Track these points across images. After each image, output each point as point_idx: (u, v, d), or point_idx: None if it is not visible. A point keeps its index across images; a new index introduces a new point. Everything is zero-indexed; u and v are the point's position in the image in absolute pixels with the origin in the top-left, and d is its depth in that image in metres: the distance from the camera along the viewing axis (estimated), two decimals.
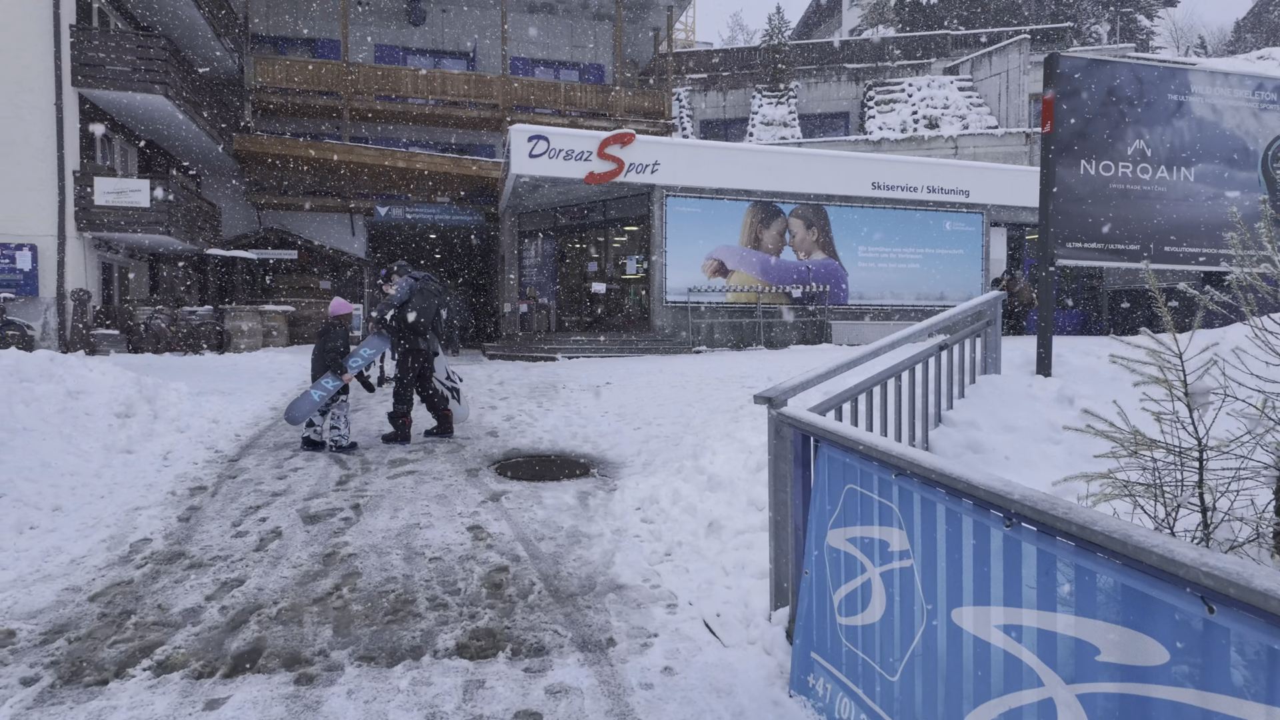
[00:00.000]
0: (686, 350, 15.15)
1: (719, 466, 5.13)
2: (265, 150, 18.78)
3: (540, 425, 7.97)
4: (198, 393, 8.38)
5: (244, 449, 6.70)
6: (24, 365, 6.82)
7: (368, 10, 22.06)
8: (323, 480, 5.75)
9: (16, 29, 12.84)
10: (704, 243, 15.82)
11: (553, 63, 23.52)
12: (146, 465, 5.95)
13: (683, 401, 8.38)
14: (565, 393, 9.99)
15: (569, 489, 5.62)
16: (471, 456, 6.64)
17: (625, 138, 15.05)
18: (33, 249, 12.77)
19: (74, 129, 13.44)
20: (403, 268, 7.18)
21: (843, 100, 27.95)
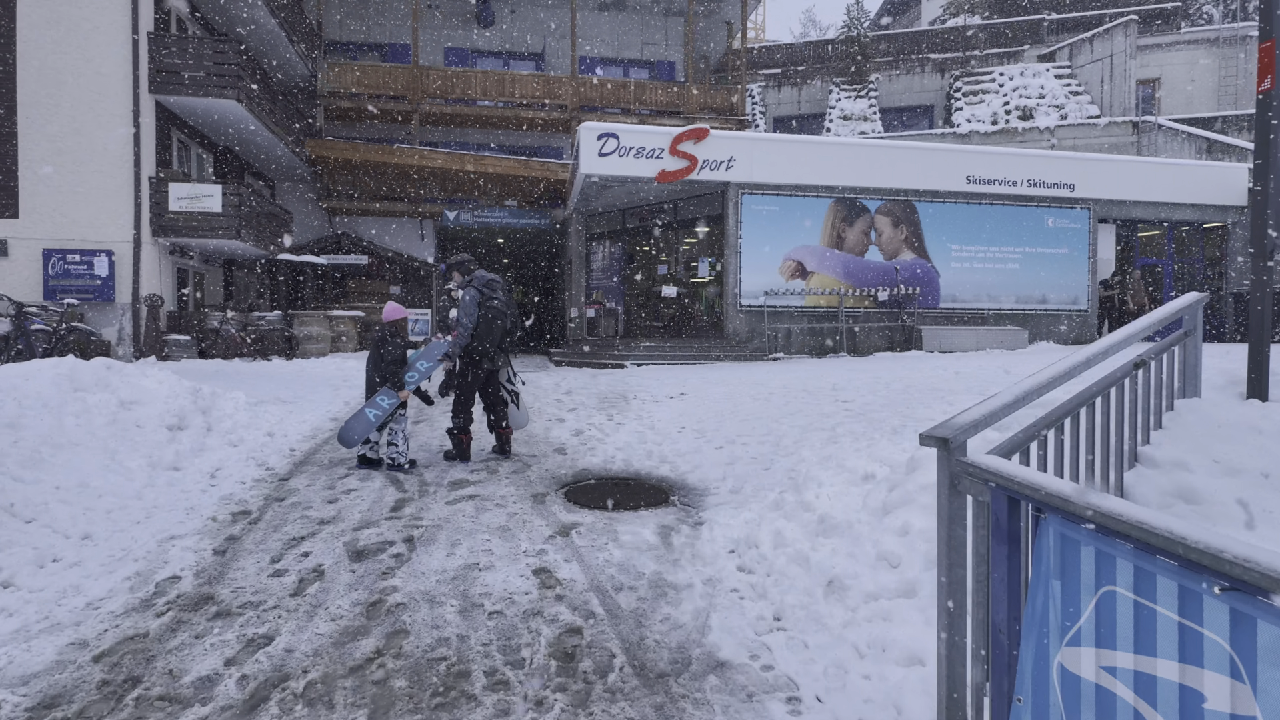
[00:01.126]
0: (763, 357, 14.26)
1: (829, 502, 4.30)
2: (337, 155, 18.79)
3: (611, 442, 7.26)
4: (256, 402, 8.03)
5: (297, 466, 6.21)
6: (79, 374, 6.52)
7: (437, 13, 21.96)
8: (376, 505, 5.18)
9: (96, 39, 12.99)
10: (782, 243, 14.90)
11: (622, 61, 22.96)
12: (192, 484, 5.50)
13: (768, 416, 7.54)
14: (637, 404, 9.28)
15: (648, 522, 4.88)
16: (538, 478, 5.97)
17: (699, 133, 14.29)
18: (109, 255, 12.86)
19: (150, 135, 13.53)
20: (463, 264, 6.53)
21: (926, 92, 26.46)
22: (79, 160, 12.98)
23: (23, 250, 12.84)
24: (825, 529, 3.98)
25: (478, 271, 6.51)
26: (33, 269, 12.84)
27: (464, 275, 6.46)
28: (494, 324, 6.33)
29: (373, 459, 6.18)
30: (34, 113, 12.89)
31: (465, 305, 6.27)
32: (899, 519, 3.66)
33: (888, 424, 6.56)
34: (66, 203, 13.02)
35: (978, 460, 2.09)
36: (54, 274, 12.72)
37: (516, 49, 22.61)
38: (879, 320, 15.21)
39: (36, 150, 12.92)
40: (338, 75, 19.72)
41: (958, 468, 2.19)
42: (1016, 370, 9.66)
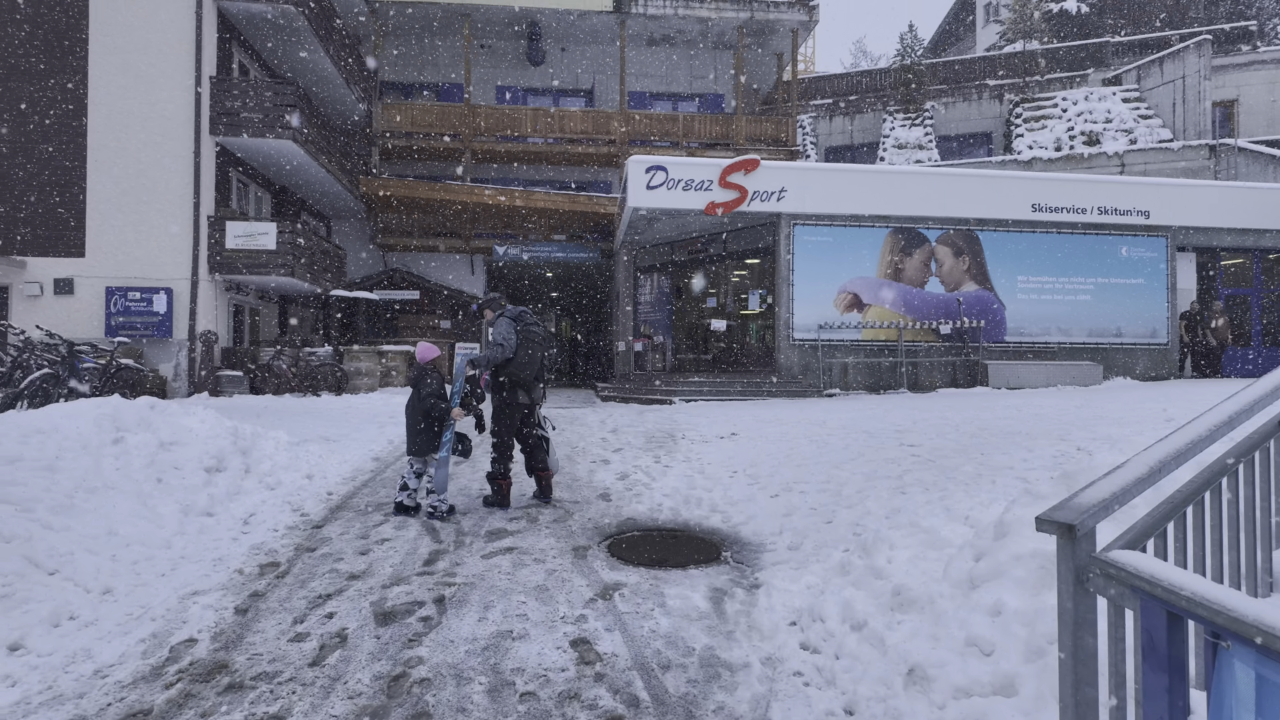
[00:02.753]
0: (817, 393, 13.70)
1: (904, 570, 3.82)
2: (390, 192, 19.10)
3: (659, 487, 6.86)
4: (298, 441, 7.90)
5: (332, 511, 5.98)
6: (122, 414, 6.46)
7: (489, 53, 22.37)
8: (409, 558, 4.88)
9: (162, 84, 13.45)
10: (836, 274, 14.40)
11: (671, 95, 22.97)
12: (223, 532, 5.30)
13: (827, 461, 7.04)
14: (685, 444, 8.87)
15: (698, 583, 4.45)
16: (580, 528, 5.61)
17: (749, 164, 13.99)
18: (168, 292, 13.15)
19: (210, 175, 13.89)
20: (494, 300, 6.34)
21: (985, 119, 25.75)
22: (141, 200, 13.38)
23: (87, 288, 13.23)
24: (901, 602, 3.50)
25: (508, 306, 6.32)
26: (96, 306, 13.19)
27: (495, 311, 6.28)
28: (533, 353, 6.08)
29: (409, 505, 5.90)
30: (101, 156, 13.36)
31: (500, 328, 6.05)
32: (989, 595, 3.17)
33: (961, 473, 6.03)
34: (129, 241, 13.40)
35: (1118, 559, 1.64)
36: (116, 311, 13.04)
37: (566, 86, 22.83)
38: (941, 354, 14.51)
39: (103, 191, 13.36)
40: (392, 115, 20.14)
41: (1087, 562, 1.75)
42: (1100, 411, 8.95)
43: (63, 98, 13.41)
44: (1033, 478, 5.56)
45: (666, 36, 22.02)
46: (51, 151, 13.36)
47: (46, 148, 13.36)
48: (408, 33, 22.01)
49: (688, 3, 20.58)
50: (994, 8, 36.66)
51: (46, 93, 13.39)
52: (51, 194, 13.34)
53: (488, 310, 6.33)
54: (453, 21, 21.21)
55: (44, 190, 13.33)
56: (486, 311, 6.34)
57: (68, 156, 13.37)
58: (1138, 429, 7.11)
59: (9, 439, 5.67)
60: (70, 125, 13.40)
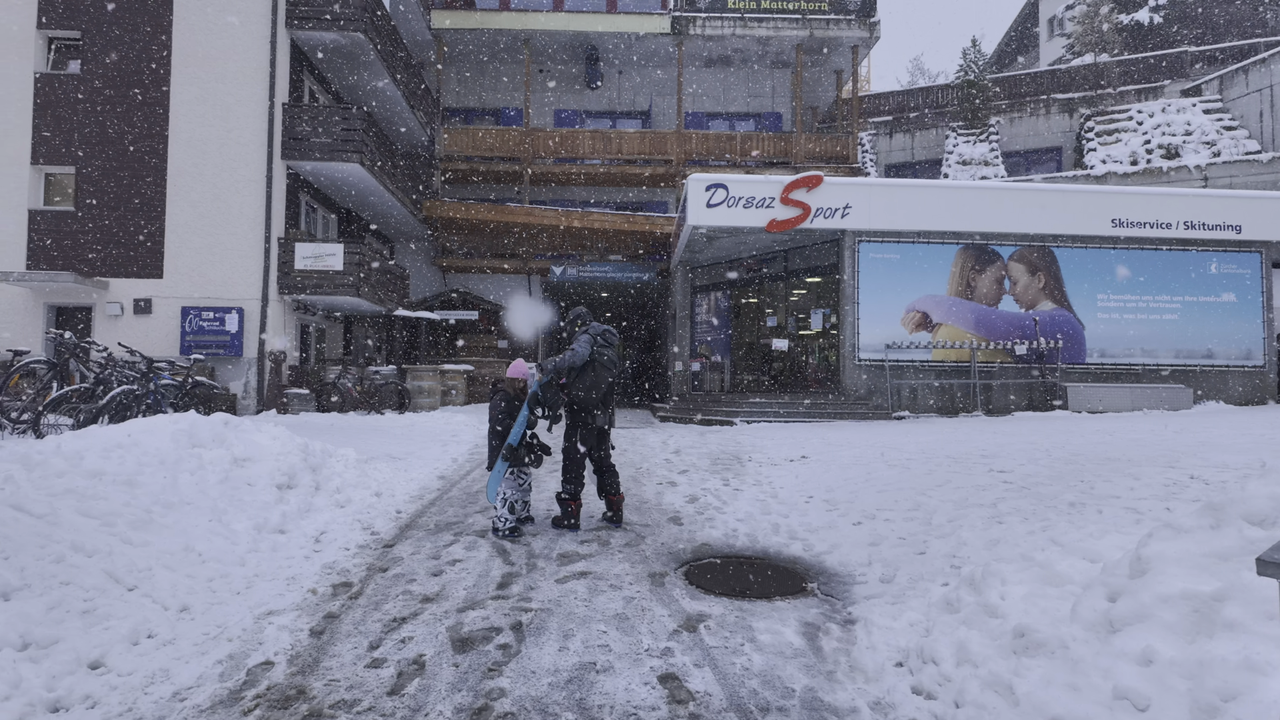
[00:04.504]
0: (885, 416, 13.24)
1: (1021, 608, 3.48)
2: (451, 214, 19.41)
3: (731, 512, 6.59)
4: (366, 459, 7.89)
5: (402, 530, 5.89)
6: (198, 430, 6.53)
7: (547, 77, 22.67)
8: (482, 581, 4.72)
9: (238, 110, 13.93)
10: (904, 292, 13.96)
11: (727, 115, 22.89)
12: (295, 550, 5.25)
13: (911, 487, 6.67)
14: (753, 467, 8.59)
15: (788, 617, 4.17)
16: (654, 553, 5.38)
17: (812, 180, 13.72)
18: (240, 312, 13.50)
19: (280, 198, 14.28)
20: (581, 316, 6.22)
21: (1053, 134, 24.92)
22: (215, 223, 13.82)
23: (164, 308, 13.68)
24: (1027, 646, 3.17)
25: (593, 323, 6.18)
26: (172, 325, 13.62)
27: (580, 326, 6.16)
28: (601, 376, 5.94)
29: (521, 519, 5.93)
30: (180, 181, 13.87)
31: (578, 342, 5.95)
32: (1136, 641, 2.82)
33: (1061, 501, 5.62)
34: (204, 263, 13.83)
35: None
36: (190, 330, 13.43)
37: (623, 108, 22.97)
38: (1016, 376, 13.89)
39: (181, 215, 13.85)
40: (454, 139, 20.53)
41: None
42: (1203, 436, 8.35)
43: (147, 127, 14.01)
44: (1145, 508, 5.13)
45: (724, 56, 21.98)
46: (135, 178, 13.94)
47: (131, 174, 13.95)
48: (468, 58, 22.49)
49: (746, 22, 20.51)
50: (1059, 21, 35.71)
51: (133, 123, 14.01)
52: (134, 218, 13.90)
53: (575, 329, 6.23)
54: (513, 47, 21.59)
55: (127, 215, 13.90)
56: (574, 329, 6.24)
57: (150, 182, 13.93)
58: (1255, 455, 6.56)
59: (93, 453, 5.76)
60: (153, 152, 13.97)
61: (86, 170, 13.95)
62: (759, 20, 20.60)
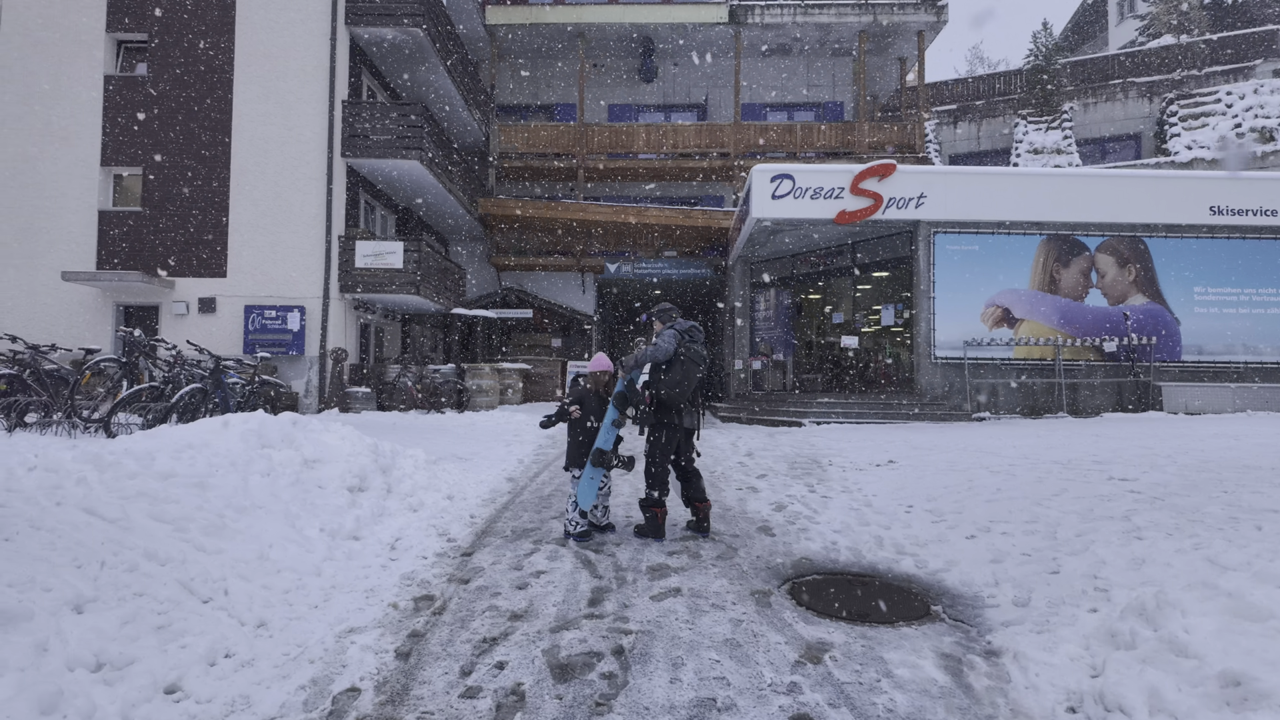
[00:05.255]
0: (964, 417, 12.55)
1: (1219, 646, 2.95)
2: (506, 212, 19.24)
3: (825, 521, 6.11)
4: (434, 460, 7.63)
5: (479, 537, 5.57)
6: (267, 430, 6.33)
7: (601, 72, 22.36)
8: (571, 595, 4.36)
9: (299, 107, 13.92)
10: (983, 286, 13.23)
11: (786, 105, 22.26)
12: (371, 558, 4.96)
13: (1022, 496, 6.10)
14: (837, 472, 8.08)
15: (921, 647, 3.70)
16: (751, 567, 4.95)
17: (884, 169, 13.10)
18: (301, 310, 13.48)
19: (341, 196, 14.23)
20: (666, 311, 5.82)
21: (1130, 119, 23.62)
22: (277, 222, 13.83)
23: (228, 307, 13.75)
24: (1245, 698, 2.65)
25: (678, 320, 5.77)
26: (235, 324, 13.68)
27: (665, 323, 5.76)
28: (689, 372, 5.51)
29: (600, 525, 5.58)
30: (243, 180, 13.92)
31: (663, 337, 5.54)
32: None
33: (1207, 515, 5.03)
34: (266, 261, 13.85)
35: None
36: (253, 329, 13.47)
37: (678, 101, 22.53)
38: (1104, 375, 13.04)
39: (243, 214, 13.90)
40: (508, 136, 20.37)
41: None
42: None
43: (211, 126, 14.10)
44: None
45: (782, 45, 21.35)
46: (200, 177, 14.05)
47: (196, 174, 14.07)
48: (521, 54, 22.32)
49: (807, 10, 19.87)
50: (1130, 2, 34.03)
51: (198, 122, 14.12)
52: (199, 218, 14.01)
53: (657, 322, 5.84)
54: (566, 41, 21.33)
55: (192, 214, 14.02)
56: (655, 323, 5.85)
57: (214, 181, 14.03)
58: None
59: (164, 454, 5.58)
60: (217, 152, 14.06)
61: (154, 171, 14.11)
62: (820, 7, 19.93)
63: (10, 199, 13.98)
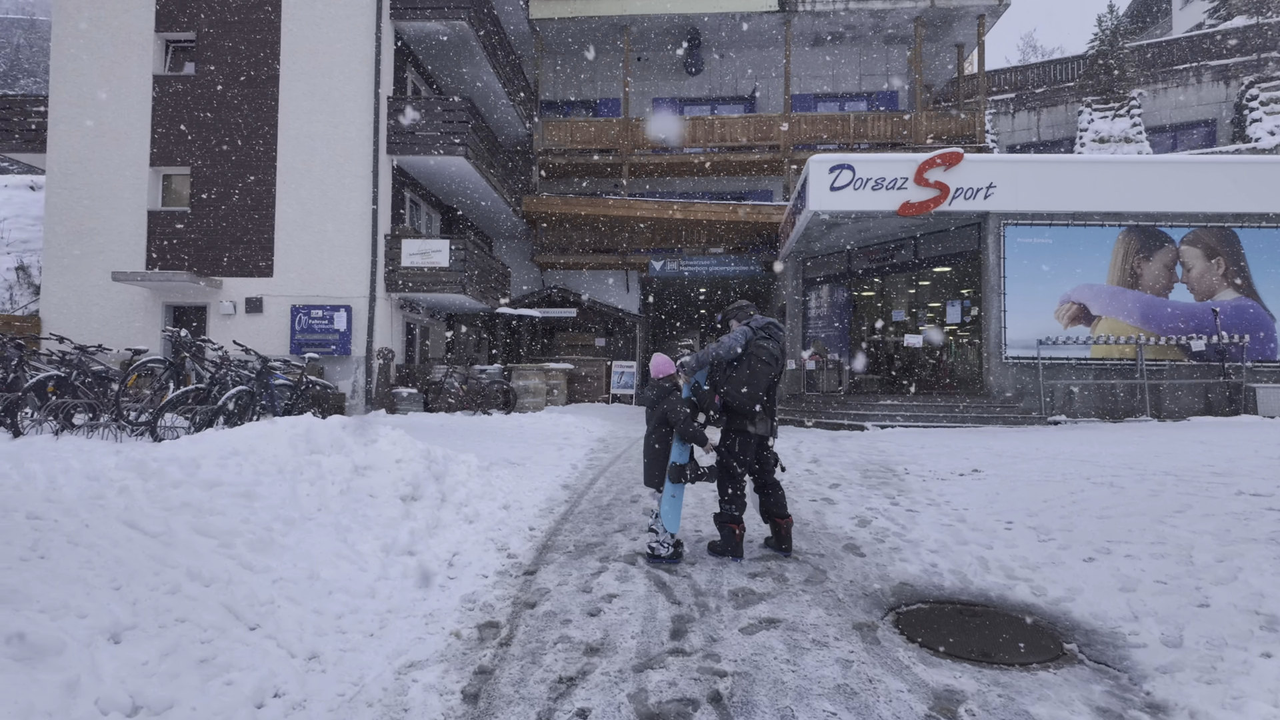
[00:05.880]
0: (1039, 420, 11.81)
1: None
2: (550, 210, 18.90)
3: (916, 539, 5.56)
4: (486, 465, 7.25)
5: (541, 552, 5.15)
6: (315, 434, 6.00)
7: (645, 66, 21.91)
8: (649, 625, 3.90)
9: (344, 104, 13.73)
10: (1057, 281, 12.47)
11: (837, 95, 21.53)
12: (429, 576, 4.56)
13: (1139, 513, 5.47)
14: (916, 482, 7.49)
15: (1069, 697, 3.16)
16: (846, 594, 4.43)
17: (950, 158, 12.40)
18: (348, 310, 13.28)
19: (386, 194, 14.02)
20: (743, 309, 5.35)
21: (1205, 105, 22.35)
22: (323, 220, 13.66)
23: (275, 307, 13.62)
24: None
25: (755, 316, 5.29)
26: (282, 324, 13.55)
27: (741, 322, 5.28)
28: (758, 372, 5.00)
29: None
30: (289, 178, 13.78)
31: (734, 335, 5.07)
32: None
33: None
34: (312, 261, 13.69)
35: None
36: (299, 329, 13.31)
37: (725, 93, 21.96)
38: (1191, 375, 12.17)
39: (290, 213, 13.76)
40: (551, 132, 20.04)
41: None
42: None
43: (257, 124, 14.00)
44: None
45: (834, 34, 20.64)
46: (247, 177, 13.96)
47: (243, 173, 13.98)
48: (564, 49, 21.98)
49: None
50: None
51: (244, 121, 14.03)
52: (246, 217, 13.92)
53: (733, 321, 5.36)
54: (610, 34, 20.92)
55: (239, 214, 13.94)
56: (732, 323, 5.38)
57: (260, 181, 13.92)
58: None
59: (209, 461, 5.28)
60: (263, 150, 13.96)
61: (201, 171, 14.07)
62: None
63: (63, 200, 14.06)
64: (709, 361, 5.08)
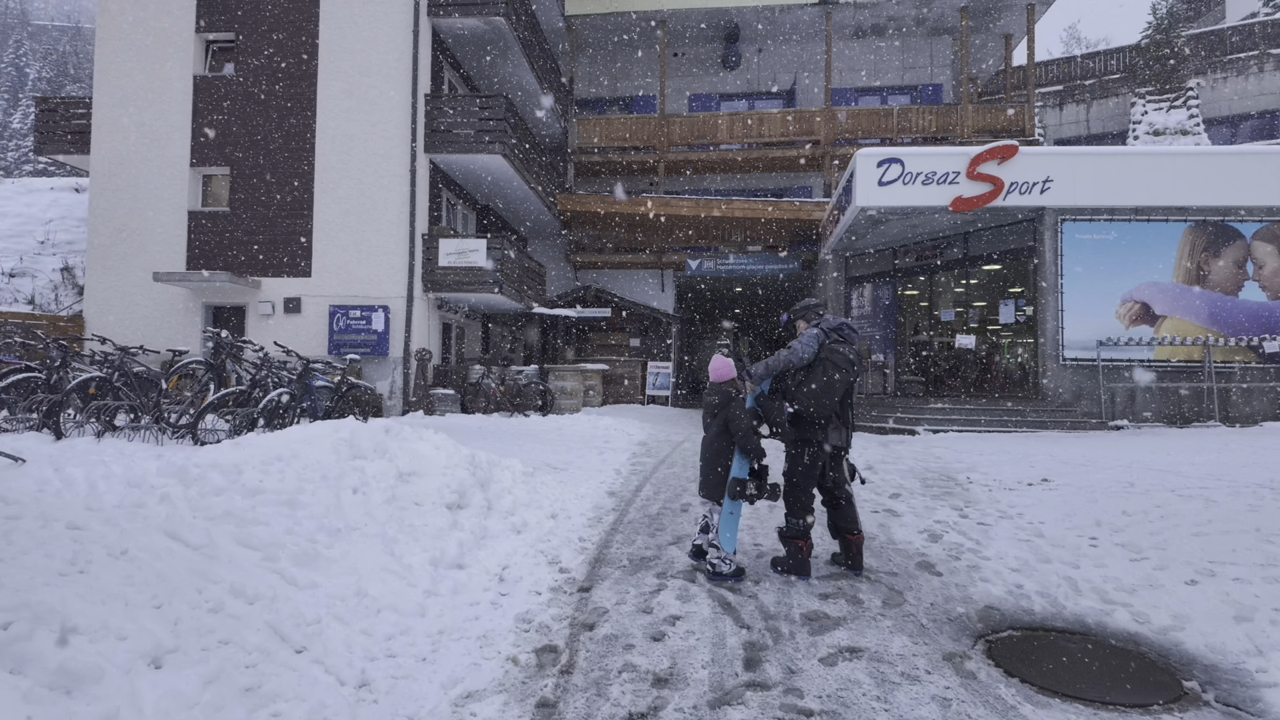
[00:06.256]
0: (1099, 425, 11.28)
1: None
2: (585, 209, 18.67)
3: (994, 555, 5.18)
4: (530, 471, 7.01)
5: (594, 566, 4.88)
6: (359, 439, 5.81)
7: (681, 61, 21.58)
8: (720, 653, 3.60)
9: (381, 103, 13.63)
10: (1118, 279, 11.91)
11: (879, 89, 21.00)
12: (479, 592, 4.33)
13: (1240, 529, 5.05)
14: (982, 492, 7.09)
15: None
16: (929, 619, 4.08)
17: (1006, 150, 11.92)
18: (385, 310, 13.18)
19: (424, 193, 13.89)
20: (810, 308, 5.05)
21: (1267, 95, 21.40)
22: (361, 220, 13.57)
23: (313, 307, 13.57)
24: None
25: (825, 316, 4.96)
26: (320, 325, 13.49)
27: (810, 322, 4.97)
28: (832, 378, 4.66)
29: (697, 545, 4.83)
30: (327, 178, 13.72)
31: (805, 339, 4.74)
32: None
33: None
34: (350, 261, 13.61)
35: None
36: (337, 329, 13.23)
37: (762, 88, 21.55)
38: (1263, 379, 11.53)
39: (328, 213, 13.70)
40: (586, 130, 19.82)
41: None
42: None
43: (296, 124, 13.97)
44: None
45: (876, 25, 20.12)
46: (285, 176, 13.94)
47: (281, 173, 13.96)
48: (599, 45, 21.74)
49: None
50: None
51: (283, 121, 14.01)
52: (284, 217, 13.90)
53: (801, 321, 5.05)
54: (646, 30, 20.63)
55: (278, 214, 13.92)
56: (800, 323, 5.07)
57: (299, 181, 13.89)
58: None
59: (251, 467, 5.10)
60: (301, 150, 13.92)
61: (240, 171, 14.08)
62: None
63: (106, 201, 14.17)
64: (779, 369, 4.76)
